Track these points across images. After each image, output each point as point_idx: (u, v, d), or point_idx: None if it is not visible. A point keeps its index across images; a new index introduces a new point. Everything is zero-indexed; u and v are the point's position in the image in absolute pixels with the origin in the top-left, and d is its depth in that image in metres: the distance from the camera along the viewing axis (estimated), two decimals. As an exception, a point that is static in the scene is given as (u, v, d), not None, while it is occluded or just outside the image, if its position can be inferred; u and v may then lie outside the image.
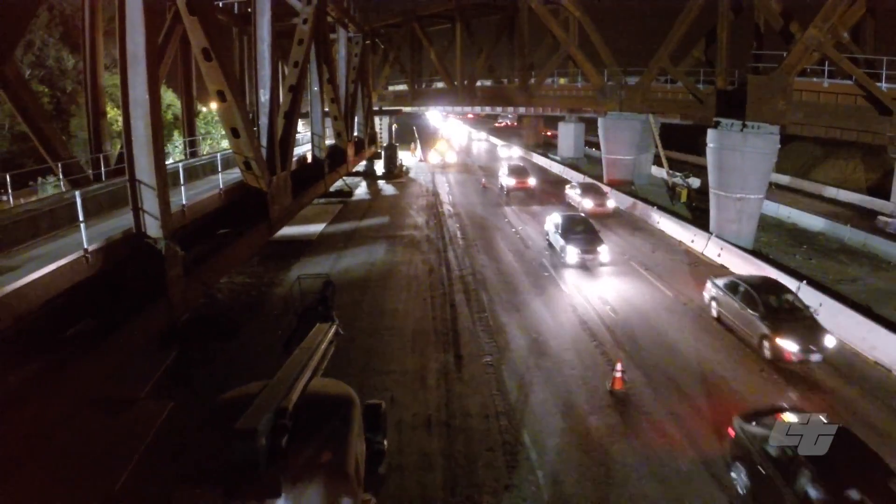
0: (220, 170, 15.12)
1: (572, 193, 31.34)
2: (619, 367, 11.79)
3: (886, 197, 32.21)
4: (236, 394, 7.76)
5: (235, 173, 15.93)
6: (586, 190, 30.32)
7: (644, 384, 12.10)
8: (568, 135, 50.69)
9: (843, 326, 14.35)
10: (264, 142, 16.66)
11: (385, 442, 8.77)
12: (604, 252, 20.15)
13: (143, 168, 9.95)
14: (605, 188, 32.00)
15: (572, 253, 20.24)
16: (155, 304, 9.97)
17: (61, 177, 15.62)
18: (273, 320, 15.22)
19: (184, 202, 12.22)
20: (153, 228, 10.15)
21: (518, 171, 36.03)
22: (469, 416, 10.86)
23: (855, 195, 35.61)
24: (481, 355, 13.43)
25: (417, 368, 12.79)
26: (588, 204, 28.55)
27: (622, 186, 34.00)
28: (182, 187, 12.95)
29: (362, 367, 12.87)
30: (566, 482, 9.01)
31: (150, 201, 10.04)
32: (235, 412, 6.62)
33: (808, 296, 15.68)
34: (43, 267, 8.20)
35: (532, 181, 35.12)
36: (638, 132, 34.05)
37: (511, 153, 55.65)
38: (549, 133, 66.86)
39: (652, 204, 29.03)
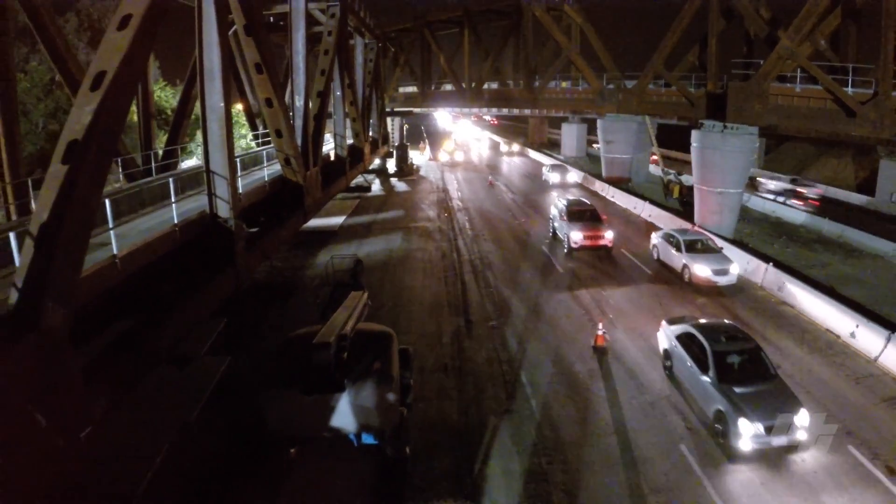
0: (265, 165, 17.67)
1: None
2: (600, 327, 14.26)
3: (873, 193, 34.47)
4: (300, 332, 10.41)
5: (273, 167, 18.50)
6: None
7: (621, 341, 14.56)
8: (571, 135, 53.03)
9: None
10: (299, 141, 19.21)
11: (412, 379, 11.33)
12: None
13: (217, 162, 12.48)
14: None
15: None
16: (224, 272, 12.49)
17: (120, 171, 18.27)
18: (310, 293, 17.76)
19: (240, 190, 14.76)
20: (224, 210, 12.67)
21: (586, 216, 23.02)
22: (477, 364, 13.39)
23: (842, 192, 37.65)
24: (487, 320, 15.99)
25: (434, 330, 15.31)
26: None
27: (620, 183, 36.36)
28: (239, 178, 15.50)
29: (388, 330, 15.40)
30: (553, 408, 11.50)
31: (221, 188, 12.56)
32: (304, 341, 9.29)
33: (773, 276, 18.19)
34: (144, 236, 10.64)
35: (609, 234, 22.14)
36: (634, 133, 36.39)
37: (511, 149, 58.35)
38: (552, 133, 69.23)
39: (644, 198, 31.35)
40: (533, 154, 56.74)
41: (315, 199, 19.94)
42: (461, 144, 61.41)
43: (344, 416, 8.57)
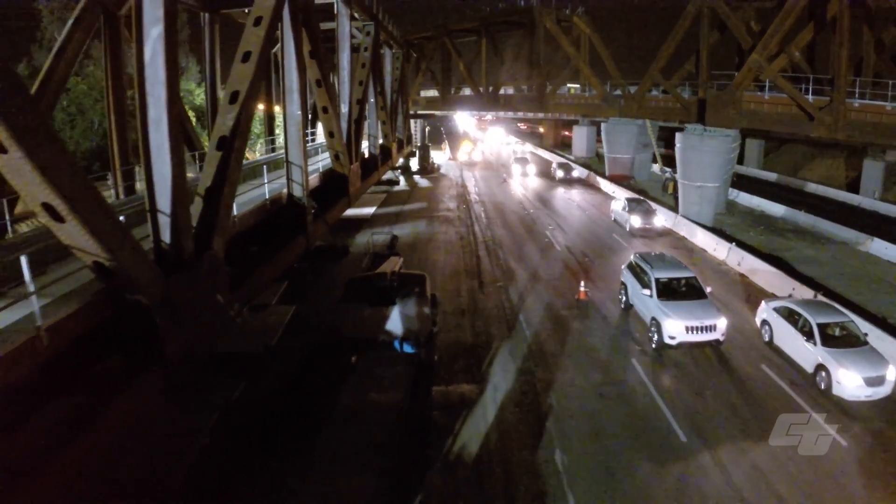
0: (321, 158, 21.99)
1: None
2: (582, 285, 18.35)
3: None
4: (361, 275, 14.73)
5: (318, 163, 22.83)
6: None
7: (598, 296, 18.62)
8: (581, 136, 56.81)
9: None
10: (344, 141, 23.54)
11: (437, 316, 15.55)
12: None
13: (294, 155, 16.79)
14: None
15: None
16: (299, 236, 16.80)
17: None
18: (355, 261, 22.07)
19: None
20: (298, 191, 16.98)
21: (685, 291, 17.36)
22: (487, 309, 17.58)
23: (831, 190, 40.79)
24: (496, 282, 20.20)
25: (454, 288, 19.52)
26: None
27: (622, 181, 40.21)
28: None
29: (417, 289, 19.65)
30: (542, 335, 15.66)
31: (296, 174, 16.87)
32: (365, 278, 13.66)
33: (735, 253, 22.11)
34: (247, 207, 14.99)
35: (722, 323, 15.52)
36: (635, 135, 40.22)
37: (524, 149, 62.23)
38: (566, 133, 72.96)
39: (639, 192, 35.21)
40: (544, 154, 60.78)
41: (356, 188, 24.27)
42: (477, 144, 65.57)
43: (394, 322, 12.80)
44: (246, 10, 27.28)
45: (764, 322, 15.84)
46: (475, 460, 10.47)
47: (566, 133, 72.73)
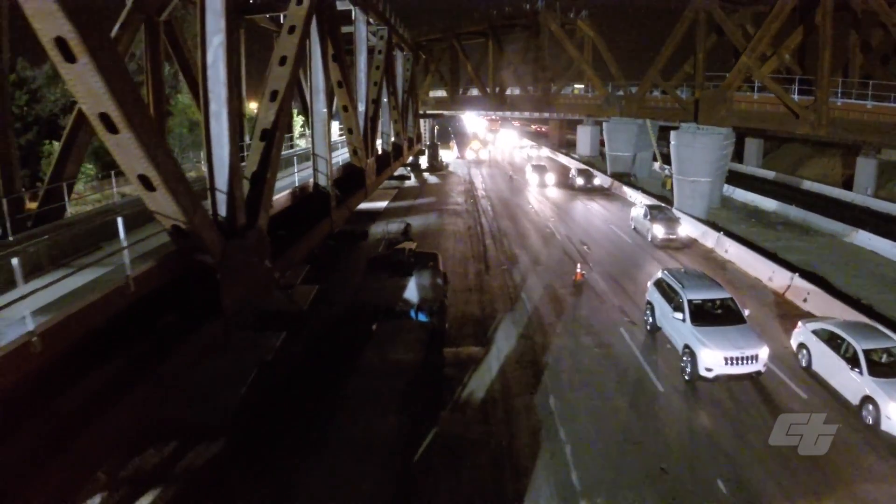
0: (341, 151, 23.89)
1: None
2: (578, 267, 20.19)
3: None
4: (381, 252, 16.67)
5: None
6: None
7: (594, 278, 20.41)
8: (585, 136, 58.52)
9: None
10: (361, 137, 25.45)
11: (447, 292, 17.42)
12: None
13: (320, 148, 18.70)
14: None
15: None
16: (322, 222, 18.69)
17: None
18: (371, 248, 23.98)
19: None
20: (322, 180, 18.88)
21: (722, 314, 15.16)
22: (492, 287, 19.47)
23: (826, 187, 42.30)
24: (500, 265, 22.12)
25: (463, 271, 21.40)
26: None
27: (622, 178, 41.97)
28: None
29: (428, 271, 21.53)
30: (541, 308, 17.51)
31: (322, 165, 18.77)
32: (385, 255, 15.64)
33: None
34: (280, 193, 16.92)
35: (764, 352, 13.88)
36: (635, 134, 41.96)
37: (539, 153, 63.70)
38: (569, 133, 74.60)
39: (636, 188, 36.97)
40: (561, 159, 62.43)
41: (371, 181, 26.16)
42: (485, 143, 67.40)
43: (411, 292, 14.71)
44: (268, 16, 29.40)
45: (801, 346, 14.18)
46: (481, 403, 12.33)
47: (570, 134, 74.46)
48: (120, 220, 9.03)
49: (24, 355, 6.49)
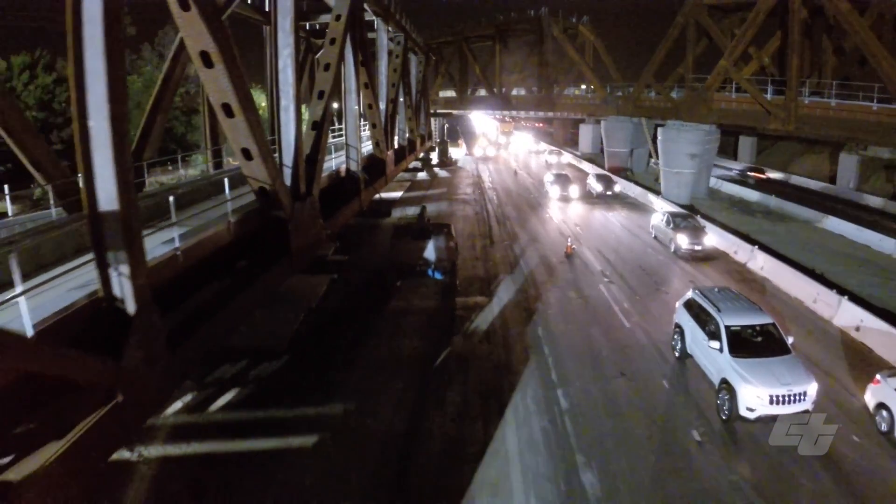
0: (364, 144, 27.49)
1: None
2: (569, 242, 23.70)
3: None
4: (404, 222, 20.32)
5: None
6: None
7: (582, 251, 23.89)
8: (587, 134, 61.92)
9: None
10: (382, 132, 29.05)
11: (456, 260, 20.99)
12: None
13: (352, 140, 22.28)
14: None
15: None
16: (353, 200, 22.29)
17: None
18: (389, 229, 27.60)
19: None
20: (354, 166, 22.47)
21: (766, 344, 12.81)
22: (495, 257, 23.07)
23: (812, 181, 45.38)
24: (503, 241, 25.71)
25: (470, 245, 24.98)
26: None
27: (619, 172, 45.36)
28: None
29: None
30: (536, 273, 21.06)
31: (353, 154, 22.37)
32: (408, 225, 19.34)
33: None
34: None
35: (813, 389, 11.62)
36: (631, 131, 45.34)
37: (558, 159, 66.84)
38: (572, 131, 77.81)
39: (629, 180, 40.33)
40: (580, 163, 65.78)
41: (391, 170, 29.80)
42: (494, 142, 70.89)
43: (430, 252, 18.30)
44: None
45: (880, 406, 11.54)
46: (485, 332, 15.87)
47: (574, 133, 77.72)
48: (226, 180, 12.67)
49: (172, 263, 9.92)
